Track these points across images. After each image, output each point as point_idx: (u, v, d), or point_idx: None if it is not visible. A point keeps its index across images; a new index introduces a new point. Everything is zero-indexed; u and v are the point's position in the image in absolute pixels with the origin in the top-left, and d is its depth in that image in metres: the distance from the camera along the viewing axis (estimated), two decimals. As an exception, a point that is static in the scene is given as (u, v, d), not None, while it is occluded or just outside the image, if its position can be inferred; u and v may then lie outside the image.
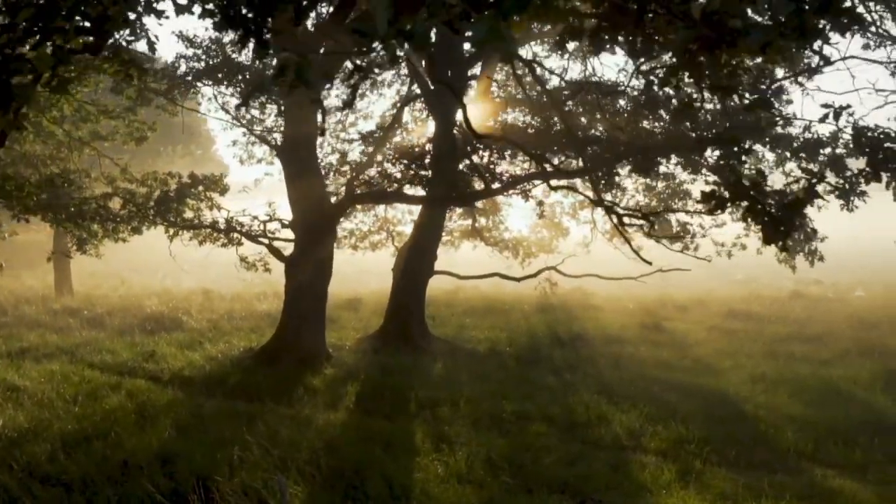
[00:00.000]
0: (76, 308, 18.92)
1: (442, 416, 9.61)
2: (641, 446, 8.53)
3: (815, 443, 8.51)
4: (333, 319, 18.80)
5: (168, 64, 15.36)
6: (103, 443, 7.78)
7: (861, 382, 11.49)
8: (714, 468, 7.73)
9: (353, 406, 10.26)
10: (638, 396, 10.57)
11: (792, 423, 9.24)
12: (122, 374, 11.92)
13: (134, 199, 13.68)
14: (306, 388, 11.06)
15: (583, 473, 7.28)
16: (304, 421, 8.98)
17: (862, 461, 8.00)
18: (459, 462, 7.34)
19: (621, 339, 16.00)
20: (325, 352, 13.25)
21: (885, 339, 15.22)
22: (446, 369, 12.66)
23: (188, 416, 9.12)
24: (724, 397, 10.79)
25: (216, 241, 14.34)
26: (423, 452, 7.70)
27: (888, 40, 13.28)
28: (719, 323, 18.33)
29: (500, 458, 7.60)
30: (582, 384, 11.45)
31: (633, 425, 9.11)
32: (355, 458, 7.21)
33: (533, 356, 13.87)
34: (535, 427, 9.18)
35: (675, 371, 12.83)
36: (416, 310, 15.47)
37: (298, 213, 12.87)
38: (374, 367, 12.37)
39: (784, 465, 7.95)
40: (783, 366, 12.91)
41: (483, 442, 8.18)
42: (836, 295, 23.35)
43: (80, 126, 15.21)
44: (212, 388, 11.11)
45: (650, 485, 7.10)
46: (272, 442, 7.76)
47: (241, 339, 14.96)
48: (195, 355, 13.22)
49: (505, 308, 20.77)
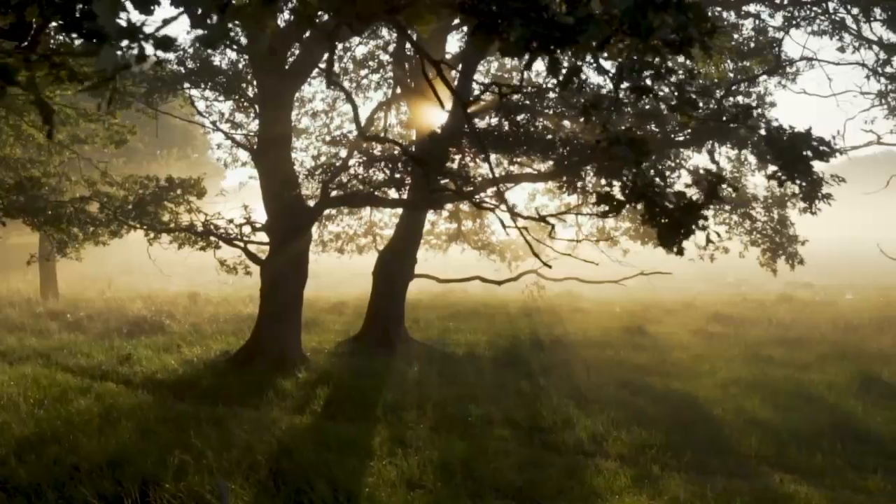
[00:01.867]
0: (60, 311, 18.94)
1: (407, 420, 9.58)
2: (603, 451, 8.48)
3: (778, 448, 8.46)
4: (317, 323, 18.82)
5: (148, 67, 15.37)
6: (59, 447, 7.76)
7: (835, 387, 11.42)
8: (672, 473, 7.67)
9: (321, 410, 10.24)
10: (607, 401, 10.52)
11: (757, 427, 9.18)
12: (95, 378, 11.91)
13: (111, 203, 13.68)
14: (276, 392, 11.04)
15: (537, 478, 7.23)
16: (267, 424, 8.94)
17: (822, 466, 7.94)
18: (412, 467, 7.30)
19: (602, 342, 15.94)
20: (302, 355, 13.22)
21: (866, 342, 15.15)
22: (420, 373, 12.62)
23: (151, 420, 9.09)
24: (694, 402, 10.73)
25: (194, 245, 14.33)
26: (379, 457, 7.66)
27: (865, 41, 13.23)
28: (703, 326, 18.27)
29: (456, 462, 7.56)
30: (554, 388, 11.40)
31: (597, 430, 9.05)
32: (308, 462, 7.18)
33: (510, 360, 13.82)
34: (498, 431, 9.15)
35: (652, 375, 12.76)
36: (396, 313, 15.45)
37: (273, 216, 12.86)
38: (346, 371, 12.35)
39: (744, 471, 7.89)
40: (759, 370, 12.84)
41: (441, 446, 8.14)
42: (825, 298, 23.25)
43: (59, 129, 15.20)
44: (182, 391, 11.10)
45: (603, 490, 7.04)
46: (228, 445, 7.74)
47: (220, 343, 14.95)
48: (170, 359, 13.22)
49: (490, 312, 20.74)
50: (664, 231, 3.54)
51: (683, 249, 3.71)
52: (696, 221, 3.59)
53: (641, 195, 3.51)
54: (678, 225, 3.48)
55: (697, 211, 3.55)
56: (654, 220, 3.56)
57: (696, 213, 3.54)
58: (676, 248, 3.66)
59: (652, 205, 3.49)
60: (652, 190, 3.50)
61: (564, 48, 2.66)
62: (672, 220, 3.49)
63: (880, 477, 7.56)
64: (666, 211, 3.49)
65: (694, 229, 3.63)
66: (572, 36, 2.55)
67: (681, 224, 3.48)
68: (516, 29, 2.58)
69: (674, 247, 3.66)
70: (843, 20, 12.47)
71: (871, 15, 11.45)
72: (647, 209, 3.56)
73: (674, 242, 3.62)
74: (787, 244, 15.51)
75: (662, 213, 3.50)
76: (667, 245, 3.66)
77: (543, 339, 16.25)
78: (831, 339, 15.67)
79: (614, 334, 17.10)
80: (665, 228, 3.52)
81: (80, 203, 13.95)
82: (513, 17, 2.58)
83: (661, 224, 3.52)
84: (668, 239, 3.60)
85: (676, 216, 3.51)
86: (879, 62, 12.30)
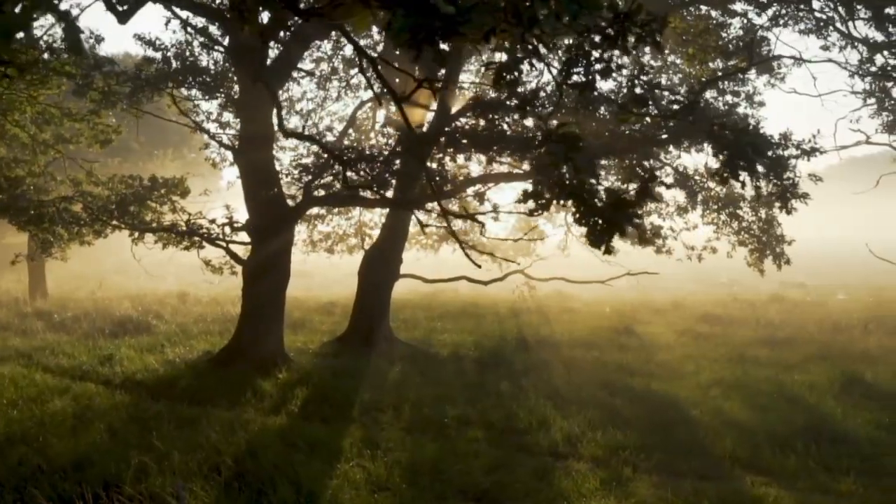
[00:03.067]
0: (47, 311, 18.91)
1: (381, 421, 9.54)
2: (576, 453, 8.42)
3: (753, 449, 8.39)
4: (306, 323, 18.78)
5: (133, 67, 15.35)
6: (27, 448, 7.72)
7: (816, 387, 11.35)
8: (643, 475, 7.62)
9: (297, 410, 10.19)
10: (586, 401, 10.46)
11: (734, 429, 9.11)
12: (74, 378, 11.88)
13: (94, 202, 13.64)
14: (255, 392, 10.98)
15: (505, 480, 7.18)
16: (239, 425, 8.89)
17: (795, 468, 7.87)
18: (379, 468, 7.25)
19: (589, 343, 15.86)
20: (284, 355, 13.16)
21: (853, 343, 15.08)
22: (402, 373, 12.57)
23: (123, 421, 9.05)
24: (673, 403, 10.66)
25: (178, 245, 14.28)
26: (348, 458, 7.61)
27: (851, 40, 13.16)
28: (692, 326, 18.19)
29: (426, 464, 7.51)
30: (534, 389, 11.32)
31: (573, 431, 8.99)
32: (273, 464, 7.14)
33: (494, 360, 13.75)
34: (473, 432, 9.08)
35: (634, 376, 12.69)
36: (381, 313, 15.39)
37: (255, 216, 12.81)
38: (327, 371, 12.29)
39: (716, 472, 7.83)
40: (743, 371, 12.77)
41: (412, 447, 8.10)
42: (816, 298, 23.17)
43: (43, 129, 15.19)
44: (160, 391, 11.05)
45: (571, 493, 6.99)
46: (196, 446, 7.70)
47: (204, 343, 14.91)
48: (152, 359, 13.16)
49: (480, 312, 20.67)
50: (593, 231, 3.48)
51: (612, 248, 3.65)
52: (630, 219, 3.52)
53: (571, 193, 3.45)
54: (609, 223, 3.42)
55: (627, 209, 3.48)
56: (584, 218, 3.49)
57: (626, 210, 3.47)
58: (605, 247, 3.59)
59: (581, 202, 3.43)
60: (582, 188, 3.44)
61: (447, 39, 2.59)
62: (602, 219, 3.42)
63: (853, 479, 7.49)
64: (596, 209, 3.43)
65: (626, 227, 3.56)
66: (454, 26, 2.49)
67: (611, 222, 3.42)
68: (398, 19, 2.52)
69: (601, 245, 3.59)
70: (829, 19, 12.40)
71: (854, 13, 11.38)
72: (576, 207, 3.49)
73: (601, 242, 3.55)
74: (775, 244, 15.42)
75: (593, 211, 3.44)
76: (595, 244, 3.60)
77: (529, 339, 16.19)
78: (818, 340, 15.60)
79: (602, 335, 17.02)
80: (593, 227, 3.45)
81: (63, 203, 13.91)
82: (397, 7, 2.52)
83: (590, 223, 3.45)
84: (596, 238, 3.53)
85: (607, 214, 3.44)
86: (863, 60, 12.22)
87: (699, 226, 17.12)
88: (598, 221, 3.42)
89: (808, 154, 10.03)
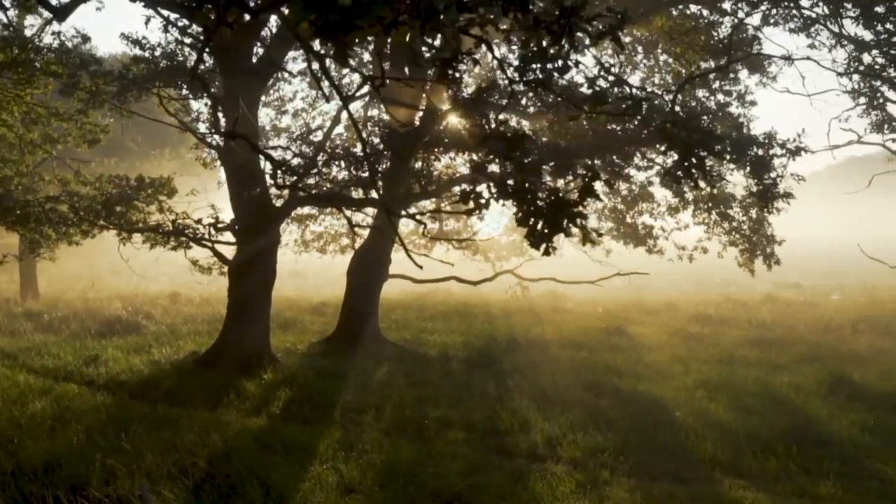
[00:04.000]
0: (37, 311, 18.86)
1: (362, 422, 9.48)
2: (556, 455, 8.34)
3: (734, 452, 8.31)
4: (297, 323, 18.73)
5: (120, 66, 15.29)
6: (1, 450, 7.65)
7: (803, 389, 11.27)
8: (621, 478, 7.54)
9: (279, 412, 10.13)
10: (570, 403, 10.39)
11: (716, 430, 9.03)
12: (58, 379, 11.81)
13: (79, 202, 13.58)
14: (238, 393, 10.93)
15: (480, 483, 7.10)
16: (218, 426, 8.82)
17: (776, 471, 7.80)
18: (353, 470, 7.18)
19: (579, 343, 15.78)
20: (270, 355, 13.10)
21: (843, 343, 15.00)
22: (388, 374, 12.50)
23: (102, 423, 8.98)
24: (658, 404, 10.58)
25: (165, 245, 14.22)
26: (323, 460, 7.54)
27: (841, 39, 13.06)
28: (684, 327, 18.11)
29: (402, 466, 7.44)
30: (519, 390, 11.26)
31: (553, 433, 8.91)
32: (246, 466, 7.07)
33: (482, 361, 13.68)
34: (454, 434, 9.02)
35: (623, 377, 12.61)
36: (369, 313, 15.34)
37: (240, 216, 12.74)
38: (313, 372, 12.22)
39: (695, 475, 7.75)
40: (731, 372, 12.69)
41: (390, 449, 8.02)
42: (809, 298, 23.07)
43: (31, 129, 15.13)
44: (143, 392, 11.00)
45: (546, 496, 6.92)
46: (171, 448, 7.63)
47: (192, 343, 14.84)
48: (137, 359, 13.11)
49: (472, 312, 20.61)
50: (532, 230, 3.40)
51: (554, 248, 3.57)
52: (575, 220, 3.44)
53: (511, 193, 3.37)
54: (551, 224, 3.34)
55: (569, 209, 3.40)
56: (525, 219, 3.41)
57: (567, 210, 3.39)
58: (545, 248, 3.51)
59: (522, 202, 3.35)
60: (524, 187, 3.36)
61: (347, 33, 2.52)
62: (544, 220, 3.34)
63: (832, 482, 7.42)
64: (538, 209, 3.35)
65: (568, 228, 3.48)
66: (352, 18, 2.41)
67: (553, 222, 3.34)
68: (296, 11, 2.44)
69: (541, 247, 3.51)
70: (817, 17, 12.30)
71: (840, 12, 11.28)
72: (518, 207, 3.41)
73: (542, 243, 3.47)
74: (765, 244, 15.35)
75: (534, 211, 3.36)
76: (536, 245, 3.52)
77: (520, 339, 16.12)
78: (809, 341, 15.51)
79: (593, 335, 16.94)
80: (533, 228, 3.37)
81: (49, 203, 13.86)
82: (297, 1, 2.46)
83: (529, 224, 3.37)
84: (537, 240, 3.45)
85: (548, 215, 3.36)
86: (850, 58, 12.12)
87: (690, 226, 17.07)
88: (540, 222, 3.35)
89: (793, 154, 9.95)
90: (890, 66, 11.21)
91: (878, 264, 18.32)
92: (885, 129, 13.46)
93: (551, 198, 3.36)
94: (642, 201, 17.59)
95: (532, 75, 4.01)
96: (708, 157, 4.40)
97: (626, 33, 17.12)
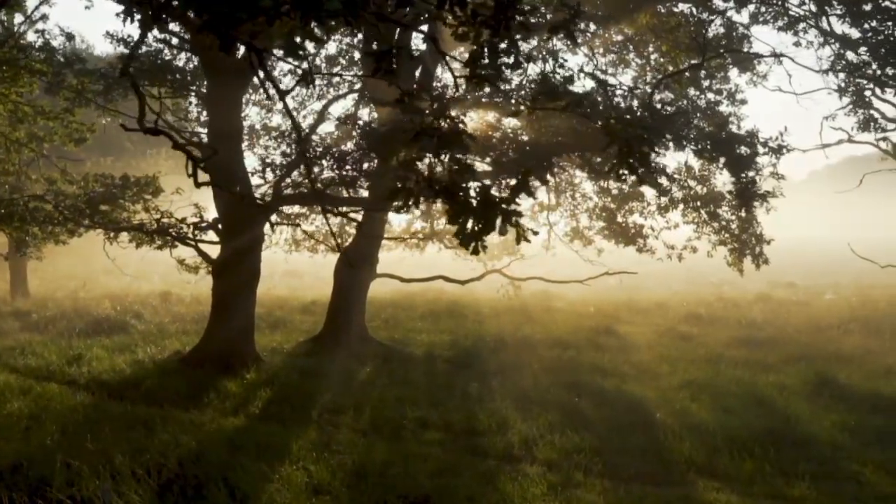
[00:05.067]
0: (26, 311, 18.82)
1: (340, 423, 9.42)
2: (531, 456, 8.28)
3: (711, 453, 8.24)
4: (286, 322, 18.68)
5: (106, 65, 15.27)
6: (-28, 450, 7.61)
7: (788, 389, 11.20)
8: (594, 480, 7.48)
9: (258, 412, 10.08)
10: (551, 403, 10.32)
11: (695, 431, 8.97)
12: (40, 379, 11.76)
13: (63, 201, 13.55)
14: (219, 393, 10.88)
15: (451, 484, 7.04)
16: (194, 426, 8.78)
17: (751, 472, 7.73)
18: (322, 471, 7.13)
19: (567, 343, 15.69)
20: (254, 355, 13.05)
21: (832, 343, 14.91)
22: (371, 374, 12.46)
23: (78, 423, 8.93)
24: (640, 405, 10.51)
25: (151, 244, 14.17)
26: (294, 460, 7.48)
27: (829, 36, 12.97)
28: (674, 326, 18.04)
29: (373, 466, 7.39)
30: (502, 390, 11.19)
31: (531, 434, 8.85)
32: (215, 466, 7.02)
33: (468, 360, 13.63)
34: (430, 435, 8.97)
35: (608, 376, 12.54)
36: (356, 313, 15.28)
37: (223, 215, 12.69)
38: (296, 372, 12.17)
39: (669, 477, 7.69)
40: (717, 372, 12.62)
41: (363, 450, 7.97)
42: (802, 298, 22.98)
43: (17, 127, 15.11)
44: (123, 392, 10.95)
45: (516, 497, 6.85)
46: (143, 449, 7.58)
47: (177, 342, 14.79)
48: (121, 359, 13.05)
49: (463, 311, 20.53)
50: (462, 229, 3.33)
51: (485, 247, 3.51)
52: (509, 218, 3.38)
53: (440, 190, 3.31)
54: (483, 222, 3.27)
55: (499, 206, 3.34)
56: (456, 217, 3.35)
57: (498, 208, 3.33)
58: (474, 246, 3.45)
59: (451, 200, 3.29)
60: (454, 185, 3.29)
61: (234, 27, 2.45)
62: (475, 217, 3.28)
63: (807, 484, 7.35)
64: (468, 207, 3.29)
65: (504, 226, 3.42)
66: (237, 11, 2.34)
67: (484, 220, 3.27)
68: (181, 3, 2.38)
69: (471, 246, 3.45)
70: (803, 15, 12.22)
71: (826, 9, 11.20)
72: (448, 205, 3.35)
73: (472, 241, 3.41)
74: (754, 243, 15.25)
75: (464, 209, 3.30)
76: (465, 244, 3.46)
77: (508, 339, 16.04)
78: (797, 341, 15.43)
79: (582, 335, 16.86)
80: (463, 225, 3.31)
81: (33, 202, 13.83)
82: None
83: (459, 223, 3.30)
84: (466, 238, 3.39)
85: (479, 212, 3.30)
86: (835, 56, 12.03)
87: (680, 225, 16.97)
88: (470, 220, 3.28)
89: (775, 152, 9.86)
90: (875, 63, 11.12)
91: (875, 264, 18.24)
92: (871, 128, 13.39)
93: (482, 196, 3.30)
94: (632, 200, 17.49)
95: (482, 71, 3.94)
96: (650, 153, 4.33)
97: (618, 31, 17.06)
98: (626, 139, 3.72)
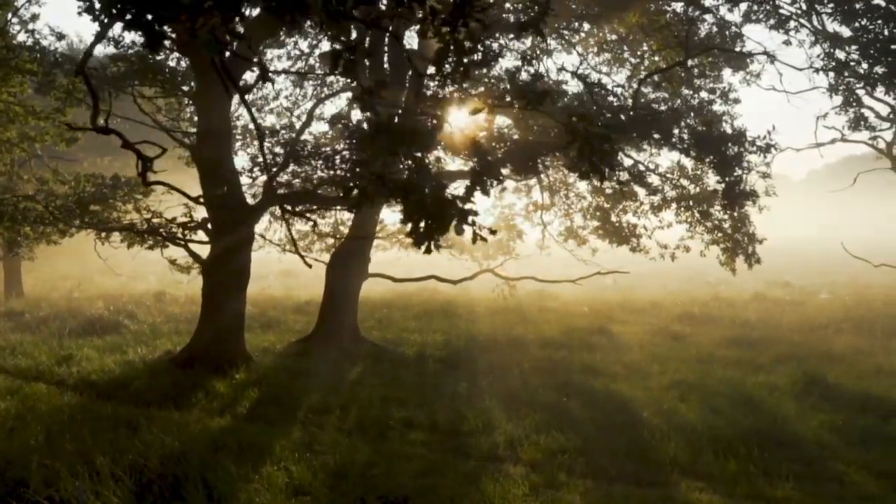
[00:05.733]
0: (19, 311, 18.81)
1: (326, 423, 9.40)
2: (516, 456, 8.25)
3: (695, 453, 8.20)
4: (279, 322, 18.67)
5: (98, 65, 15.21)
6: (-46, 451, 7.59)
7: (777, 389, 11.16)
8: (577, 480, 7.45)
9: (245, 412, 10.06)
10: (539, 403, 10.30)
11: (681, 431, 8.92)
12: (28, 379, 11.76)
13: (53, 201, 13.54)
14: (207, 393, 10.88)
15: (432, 485, 7.01)
16: (179, 427, 8.75)
17: (735, 473, 7.69)
18: (303, 471, 7.10)
19: (560, 343, 15.67)
20: (245, 355, 13.03)
21: (824, 343, 14.87)
22: (361, 374, 12.44)
23: (64, 424, 8.90)
24: (628, 404, 10.49)
25: (142, 244, 14.17)
26: (275, 461, 7.46)
27: (821, 35, 12.91)
28: (668, 326, 18.01)
29: (356, 467, 7.36)
30: (490, 390, 11.17)
31: (517, 434, 8.82)
32: (195, 467, 6.99)
33: (459, 360, 13.62)
34: (416, 435, 8.94)
35: (599, 376, 12.51)
36: (347, 313, 15.26)
37: (213, 214, 12.67)
38: (285, 372, 12.16)
39: (653, 477, 7.65)
40: (708, 372, 12.58)
41: (346, 450, 7.94)
42: (797, 297, 22.93)
43: (8, 127, 15.08)
44: (112, 392, 10.94)
45: (496, 498, 6.81)
46: (125, 449, 7.55)
47: (169, 342, 14.78)
48: (111, 359, 13.05)
49: (457, 311, 20.52)
50: (416, 228, 3.31)
51: (439, 247, 3.48)
52: (464, 217, 3.35)
53: (395, 188, 3.29)
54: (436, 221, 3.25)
55: (453, 205, 3.31)
56: (409, 216, 3.33)
57: (452, 208, 3.31)
58: (426, 246, 3.43)
59: (405, 198, 3.27)
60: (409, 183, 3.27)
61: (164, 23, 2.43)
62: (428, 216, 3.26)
63: (791, 484, 7.31)
64: (422, 206, 3.27)
65: (460, 226, 3.39)
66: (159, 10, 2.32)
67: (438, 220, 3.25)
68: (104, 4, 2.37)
69: (423, 245, 3.42)
70: (793, 14, 12.18)
71: (817, 7, 11.16)
72: (403, 204, 3.33)
73: (425, 240, 3.39)
74: (747, 243, 15.22)
75: (418, 208, 3.27)
76: (417, 243, 3.43)
77: (500, 339, 16.03)
78: (790, 340, 15.39)
79: (575, 334, 16.83)
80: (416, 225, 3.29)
81: (24, 201, 13.82)
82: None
83: (414, 220, 3.28)
84: (420, 237, 3.37)
85: (433, 212, 3.28)
86: (825, 55, 11.98)
87: (673, 224, 16.95)
88: (423, 219, 3.27)
89: (763, 151, 9.82)
90: (865, 61, 11.07)
91: (869, 263, 18.20)
92: (862, 127, 13.35)
93: (435, 195, 3.28)
94: (626, 200, 17.46)
95: (449, 68, 3.92)
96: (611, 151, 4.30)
97: (611, 30, 17.02)
98: (586, 137, 3.70)
